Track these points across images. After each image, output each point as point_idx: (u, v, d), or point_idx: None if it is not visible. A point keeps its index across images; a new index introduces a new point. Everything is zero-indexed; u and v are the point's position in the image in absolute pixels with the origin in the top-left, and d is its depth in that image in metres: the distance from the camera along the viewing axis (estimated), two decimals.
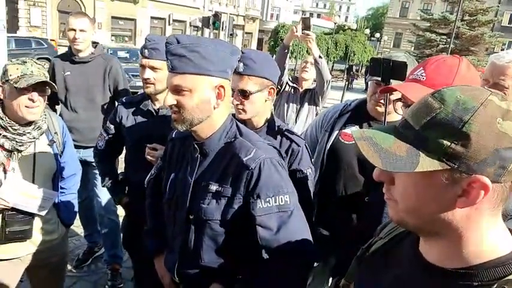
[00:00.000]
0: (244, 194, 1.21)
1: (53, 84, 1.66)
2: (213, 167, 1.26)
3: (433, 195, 0.61)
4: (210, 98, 1.19)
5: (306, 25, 2.78)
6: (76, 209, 1.96)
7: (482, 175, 0.57)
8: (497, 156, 0.56)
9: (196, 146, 1.28)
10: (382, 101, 1.62)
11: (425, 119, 0.60)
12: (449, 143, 0.58)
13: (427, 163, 0.59)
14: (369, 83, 1.72)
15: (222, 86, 1.20)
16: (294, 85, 3.37)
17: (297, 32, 2.78)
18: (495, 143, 0.56)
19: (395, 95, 1.62)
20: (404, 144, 0.62)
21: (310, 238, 1.21)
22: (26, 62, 1.58)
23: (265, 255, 1.19)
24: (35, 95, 1.57)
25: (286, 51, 2.96)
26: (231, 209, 1.22)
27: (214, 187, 1.23)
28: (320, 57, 2.94)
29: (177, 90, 1.17)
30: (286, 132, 1.64)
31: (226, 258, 1.29)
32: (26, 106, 1.57)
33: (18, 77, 1.54)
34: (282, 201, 1.19)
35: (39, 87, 1.58)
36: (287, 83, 3.36)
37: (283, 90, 3.36)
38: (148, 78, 1.88)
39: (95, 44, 2.72)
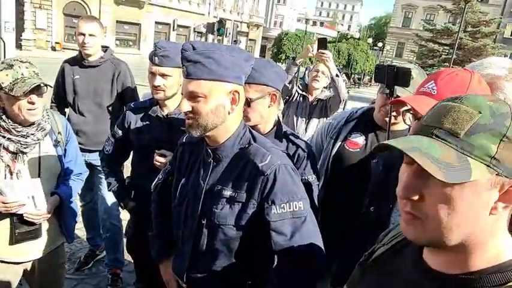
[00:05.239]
0: (259, 200, 1.21)
1: (46, 83, 1.61)
2: (227, 172, 1.26)
3: (473, 204, 0.58)
4: (225, 103, 1.19)
5: (322, 45, 2.78)
6: (76, 215, 1.95)
7: None
8: None
9: (209, 151, 1.29)
10: (393, 113, 1.61)
11: (468, 125, 0.58)
12: (496, 149, 0.56)
13: (479, 171, 0.56)
14: (378, 94, 1.73)
15: (237, 91, 1.20)
16: (303, 93, 3.33)
17: (312, 51, 2.79)
18: None
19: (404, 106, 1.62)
20: (454, 151, 0.58)
21: (322, 244, 1.23)
22: (13, 65, 1.51)
23: (278, 261, 1.20)
24: (33, 97, 1.55)
25: (295, 67, 3.02)
26: (245, 214, 1.23)
27: (228, 192, 1.24)
28: (337, 75, 2.93)
29: (192, 96, 1.17)
30: (292, 138, 1.65)
31: (238, 263, 1.29)
32: (27, 109, 1.56)
33: (10, 83, 1.49)
34: (296, 208, 1.20)
35: (35, 88, 1.54)
36: (296, 91, 3.33)
37: (292, 100, 3.32)
38: (158, 86, 1.87)
39: (104, 48, 2.72)
